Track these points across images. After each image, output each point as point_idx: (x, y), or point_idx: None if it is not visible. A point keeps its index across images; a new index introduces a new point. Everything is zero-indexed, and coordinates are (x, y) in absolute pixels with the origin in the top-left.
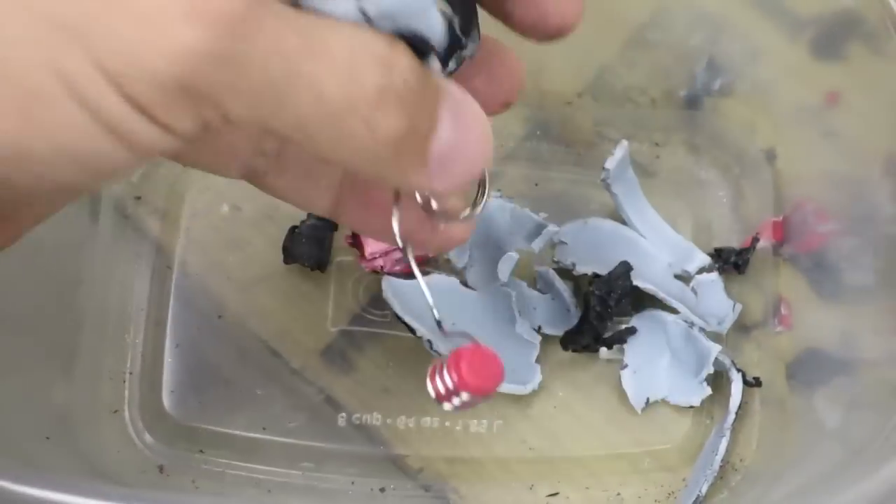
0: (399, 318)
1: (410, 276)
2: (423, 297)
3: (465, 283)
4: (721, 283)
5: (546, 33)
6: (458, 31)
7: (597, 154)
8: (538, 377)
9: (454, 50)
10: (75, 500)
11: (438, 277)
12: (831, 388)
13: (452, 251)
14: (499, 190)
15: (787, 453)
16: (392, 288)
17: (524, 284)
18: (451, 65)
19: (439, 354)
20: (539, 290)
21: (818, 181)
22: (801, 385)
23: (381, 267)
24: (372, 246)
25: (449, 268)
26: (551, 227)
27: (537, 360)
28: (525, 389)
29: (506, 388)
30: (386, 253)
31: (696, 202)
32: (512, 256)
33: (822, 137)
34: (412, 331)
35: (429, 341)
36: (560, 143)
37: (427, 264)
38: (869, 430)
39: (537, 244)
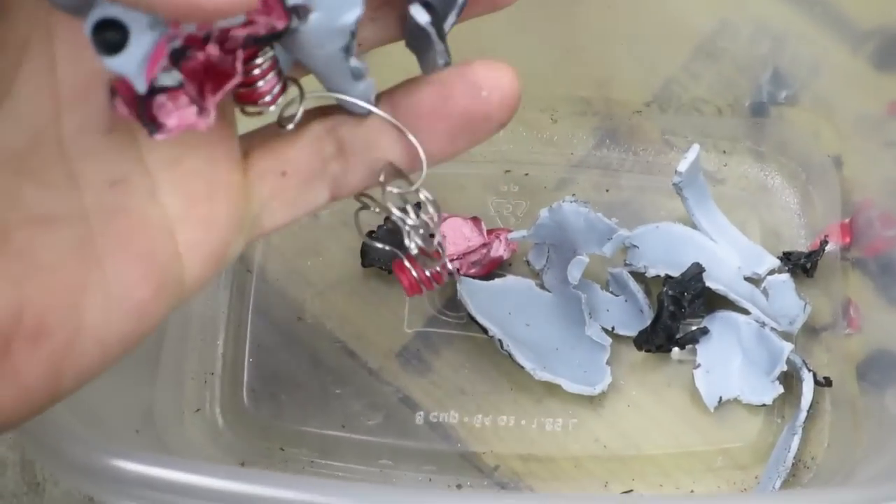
0: (473, 319)
1: (486, 278)
2: (498, 299)
3: (541, 286)
4: (792, 284)
5: (481, 119)
6: None
7: (664, 161)
8: (608, 378)
9: None
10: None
11: (514, 280)
12: None
13: (531, 253)
14: (573, 195)
15: (859, 452)
16: (467, 289)
17: (597, 287)
18: None
19: (511, 356)
20: (612, 293)
21: (883, 187)
22: (871, 385)
23: (458, 270)
24: (450, 248)
25: (528, 270)
26: (623, 232)
27: (608, 362)
28: (594, 390)
29: (575, 388)
30: (463, 255)
31: (763, 208)
32: (582, 260)
33: (887, 145)
34: (485, 331)
35: (500, 341)
36: (629, 152)
37: (504, 267)
38: None
39: (609, 248)
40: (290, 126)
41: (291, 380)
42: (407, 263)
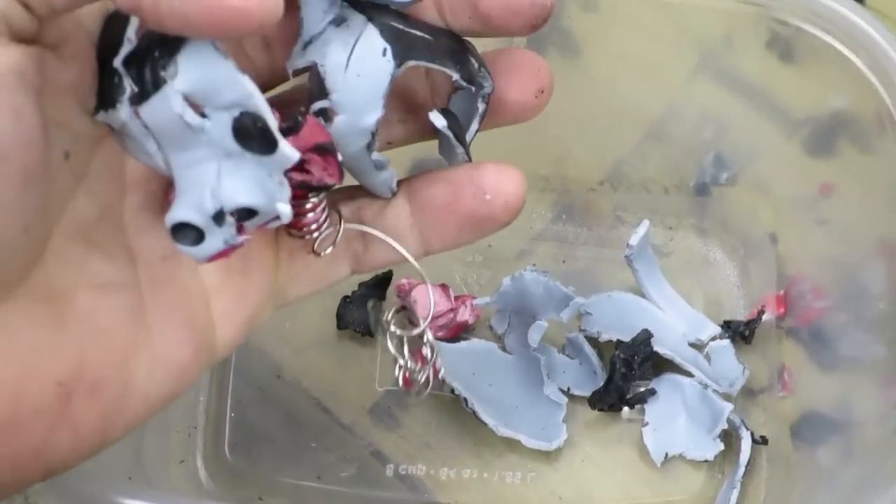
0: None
1: (452, 340)
2: (464, 360)
3: (503, 348)
4: (732, 350)
5: (486, 219)
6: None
7: (616, 236)
8: (564, 435)
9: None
10: None
11: (479, 342)
12: (830, 446)
13: (494, 318)
14: (534, 264)
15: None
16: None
17: (555, 350)
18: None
19: (475, 413)
20: (568, 356)
21: (815, 262)
22: (804, 443)
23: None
24: (420, 311)
25: (491, 334)
26: (578, 300)
27: (564, 420)
28: (551, 446)
29: (534, 443)
30: (432, 319)
31: (706, 279)
32: (541, 325)
33: (818, 224)
34: (452, 390)
35: (465, 399)
36: (584, 226)
37: (469, 331)
38: (863, 478)
39: (566, 314)
40: (325, 253)
41: (270, 434)
42: (401, 361)
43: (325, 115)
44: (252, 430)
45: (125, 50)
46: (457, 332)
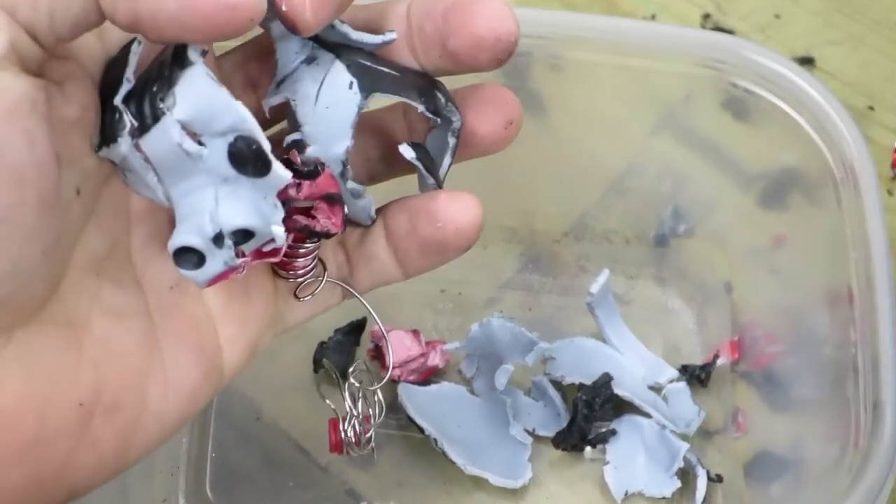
0: (411, 420)
1: (423, 384)
2: (434, 402)
3: (472, 391)
4: (688, 392)
5: (442, 245)
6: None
7: (579, 284)
8: (529, 473)
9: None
10: None
11: (448, 385)
12: (782, 483)
13: (463, 363)
14: (500, 311)
15: None
16: (407, 393)
17: (521, 393)
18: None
19: (445, 453)
20: (533, 398)
21: (767, 309)
22: (757, 481)
23: (398, 376)
24: (393, 357)
25: (460, 377)
26: (543, 345)
27: (529, 459)
28: (517, 484)
29: (501, 482)
30: (403, 363)
31: (664, 326)
32: (507, 369)
33: (771, 273)
34: (422, 430)
35: (434, 439)
36: (549, 275)
37: (439, 375)
38: None
39: (531, 358)
40: (304, 299)
41: (249, 474)
42: (341, 426)
43: (299, 146)
44: (232, 470)
45: (124, 89)
46: (427, 376)
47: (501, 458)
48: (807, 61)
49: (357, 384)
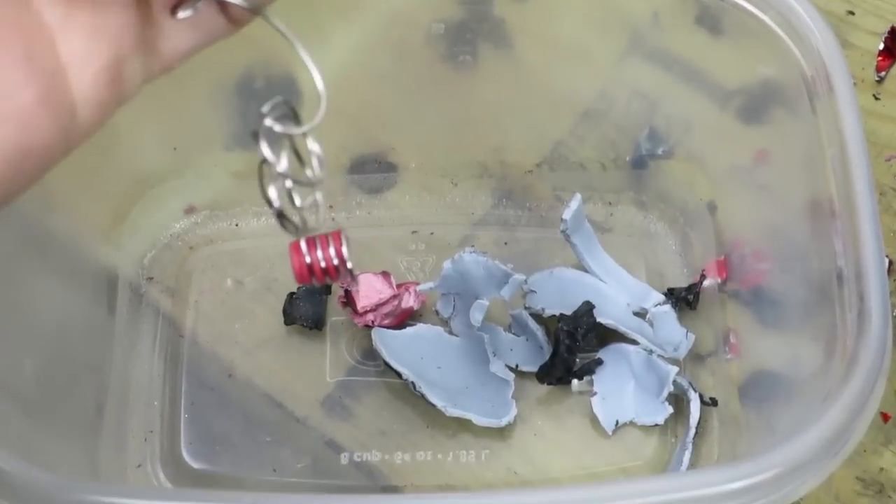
0: (388, 366)
1: (399, 327)
2: (410, 345)
3: (450, 332)
4: (674, 314)
5: None
6: None
7: (556, 216)
8: (514, 411)
9: None
10: None
11: (425, 327)
12: (777, 402)
13: (439, 302)
14: (472, 246)
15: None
16: (381, 338)
17: (501, 329)
18: None
19: (424, 396)
20: (514, 333)
21: (753, 226)
22: (753, 402)
23: (372, 321)
24: (363, 301)
25: (437, 319)
26: (518, 276)
27: (513, 396)
28: (501, 422)
29: (484, 421)
30: (375, 308)
31: (647, 251)
32: (482, 304)
33: (755, 189)
34: (400, 376)
35: (413, 383)
36: (524, 208)
37: (416, 318)
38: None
39: (506, 291)
40: (184, 15)
41: (225, 433)
42: (303, 246)
43: None
44: (207, 430)
45: None
46: (402, 319)
47: (484, 397)
48: None
49: (277, 127)
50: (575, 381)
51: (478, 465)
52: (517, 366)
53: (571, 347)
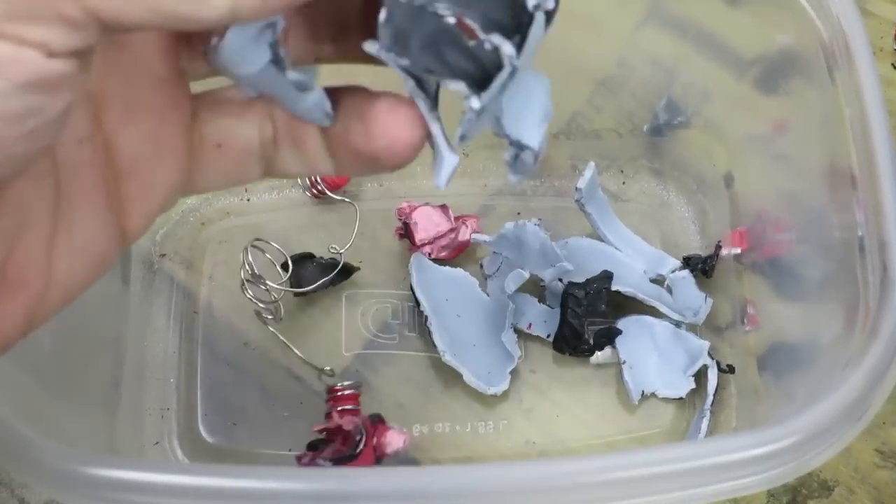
0: (412, 291)
1: (445, 263)
2: (442, 283)
3: (484, 288)
4: (692, 279)
5: (374, 159)
6: None
7: (572, 185)
8: (505, 385)
9: None
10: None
11: (463, 274)
12: (796, 373)
13: (486, 259)
14: (540, 219)
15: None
16: (417, 262)
17: (535, 300)
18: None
19: (430, 334)
20: (549, 305)
21: (773, 196)
22: (771, 373)
23: (429, 253)
24: (420, 234)
25: (479, 272)
26: (565, 264)
27: (511, 372)
28: (488, 391)
29: (474, 382)
30: (433, 240)
31: (663, 221)
32: (521, 274)
33: (773, 159)
34: (418, 303)
35: (426, 317)
36: (541, 178)
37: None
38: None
39: (548, 274)
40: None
41: (242, 407)
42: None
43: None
44: (224, 405)
45: None
46: (458, 253)
47: (485, 361)
48: None
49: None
50: (597, 354)
51: (496, 437)
52: (549, 336)
53: (578, 313)
